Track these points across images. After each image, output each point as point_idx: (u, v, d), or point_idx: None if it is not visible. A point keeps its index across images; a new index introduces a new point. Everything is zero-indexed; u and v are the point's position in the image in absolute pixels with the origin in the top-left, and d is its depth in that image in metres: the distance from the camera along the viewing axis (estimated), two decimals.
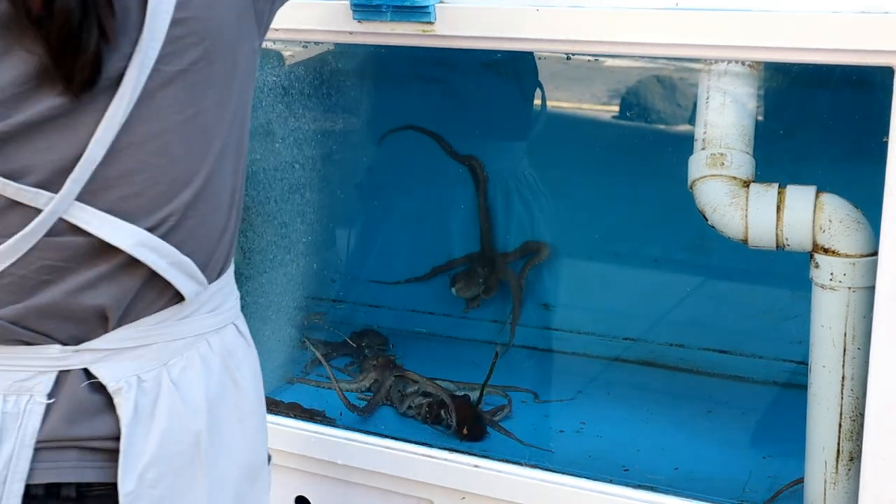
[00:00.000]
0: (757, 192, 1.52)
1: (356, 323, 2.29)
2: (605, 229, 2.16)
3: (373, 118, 2.31)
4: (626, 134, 2.14)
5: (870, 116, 1.39)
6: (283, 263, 2.21)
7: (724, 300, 2.10)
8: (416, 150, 2.24)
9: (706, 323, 2.10)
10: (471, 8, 1.49)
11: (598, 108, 2.10)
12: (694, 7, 1.38)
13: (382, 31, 1.55)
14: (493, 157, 2.17)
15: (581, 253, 2.21)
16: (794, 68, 1.65)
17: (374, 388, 2.00)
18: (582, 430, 1.92)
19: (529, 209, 2.21)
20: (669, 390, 2.04)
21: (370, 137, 2.31)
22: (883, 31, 1.29)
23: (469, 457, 1.72)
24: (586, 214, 2.18)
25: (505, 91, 2.12)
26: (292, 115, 2.06)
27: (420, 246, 2.32)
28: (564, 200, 2.20)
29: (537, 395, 2.01)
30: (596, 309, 2.19)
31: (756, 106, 1.56)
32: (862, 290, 1.46)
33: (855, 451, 1.50)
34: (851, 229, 1.47)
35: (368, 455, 1.78)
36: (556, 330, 2.19)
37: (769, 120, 1.75)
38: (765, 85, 1.67)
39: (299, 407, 1.94)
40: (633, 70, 2.05)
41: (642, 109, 2.04)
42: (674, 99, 2.01)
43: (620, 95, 2.07)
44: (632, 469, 1.73)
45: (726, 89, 1.53)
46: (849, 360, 1.49)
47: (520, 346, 2.17)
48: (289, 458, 1.85)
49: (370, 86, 2.21)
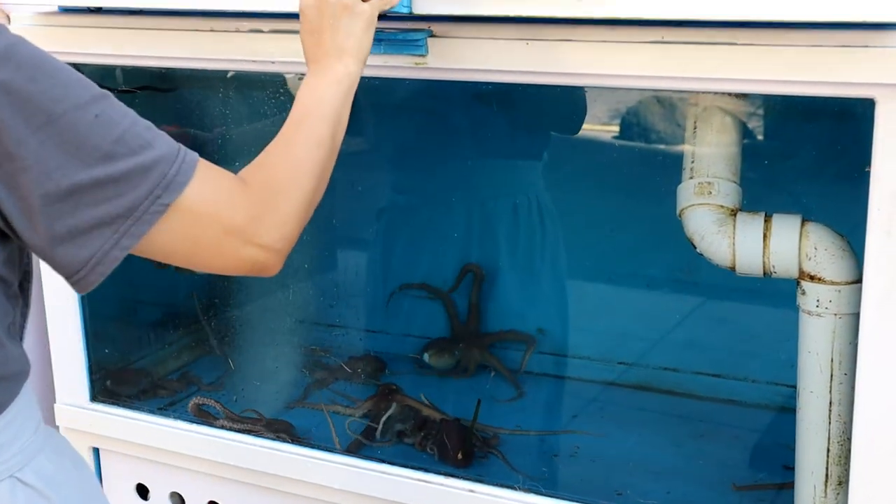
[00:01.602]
0: (744, 220, 1.54)
1: (355, 348, 2.31)
2: (600, 254, 2.17)
3: (374, 145, 2.34)
4: (623, 156, 2.14)
5: (853, 147, 1.41)
6: (280, 289, 2.23)
7: (718, 324, 2.12)
8: (419, 181, 2.26)
9: (700, 347, 2.12)
10: (462, 41, 1.52)
11: (599, 129, 2.10)
12: (679, 41, 1.39)
13: (376, 63, 1.57)
14: (495, 177, 2.19)
15: (576, 276, 2.23)
16: (779, 99, 1.67)
17: (372, 416, 2.01)
18: (576, 453, 1.93)
19: (526, 233, 2.23)
20: (663, 414, 2.05)
21: (373, 163, 2.32)
22: (864, 65, 1.31)
23: (464, 482, 1.73)
24: (581, 240, 2.19)
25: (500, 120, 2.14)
26: None
27: (418, 272, 2.33)
28: (558, 224, 2.22)
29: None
30: (590, 333, 2.20)
31: (742, 136, 1.58)
32: (847, 316, 1.48)
33: (843, 476, 1.52)
34: (836, 257, 1.49)
35: (364, 480, 1.79)
36: (550, 354, 2.20)
37: (756, 149, 1.77)
38: (751, 115, 1.69)
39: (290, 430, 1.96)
40: (633, 91, 2.04)
41: (642, 130, 2.04)
42: (673, 119, 2.01)
43: (621, 116, 2.07)
44: (625, 493, 1.74)
45: (713, 120, 1.55)
46: (836, 385, 1.51)
47: (512, 371, 2.18)
48: (284, 483, 1.87)
49: (369, 115, 2.23)
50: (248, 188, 1.16)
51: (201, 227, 1.11)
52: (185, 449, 1.96)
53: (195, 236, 1.11)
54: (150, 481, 2.05)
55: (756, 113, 1.74)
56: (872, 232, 1.36)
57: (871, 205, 1.35)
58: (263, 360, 2.25)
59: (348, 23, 1.34)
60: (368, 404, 2.02)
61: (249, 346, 2.26)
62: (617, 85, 1.50)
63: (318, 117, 1.27)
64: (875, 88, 1.32)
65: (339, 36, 1.34)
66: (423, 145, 2.25)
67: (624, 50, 1.42)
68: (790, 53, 1.35)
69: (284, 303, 2.27)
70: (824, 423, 1.52)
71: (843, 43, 1.32)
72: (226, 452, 1.92)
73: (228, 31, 1.69)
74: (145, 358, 2.26)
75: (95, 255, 1.06)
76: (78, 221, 1.05)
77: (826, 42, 1.33)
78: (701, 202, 1.56)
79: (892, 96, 1.31)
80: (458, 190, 2.21)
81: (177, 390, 2.17)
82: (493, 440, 1.92)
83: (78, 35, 1.81)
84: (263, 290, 2.27)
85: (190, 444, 1.95)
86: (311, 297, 2.31)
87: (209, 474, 1.96)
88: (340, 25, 1.34)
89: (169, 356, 2.29)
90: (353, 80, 1.33)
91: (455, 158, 2.21)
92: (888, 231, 1.35)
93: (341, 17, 1.34)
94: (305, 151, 1.23)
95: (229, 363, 2.21)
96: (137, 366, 2.23)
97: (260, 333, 2.28)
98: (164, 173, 1.07)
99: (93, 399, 2.05)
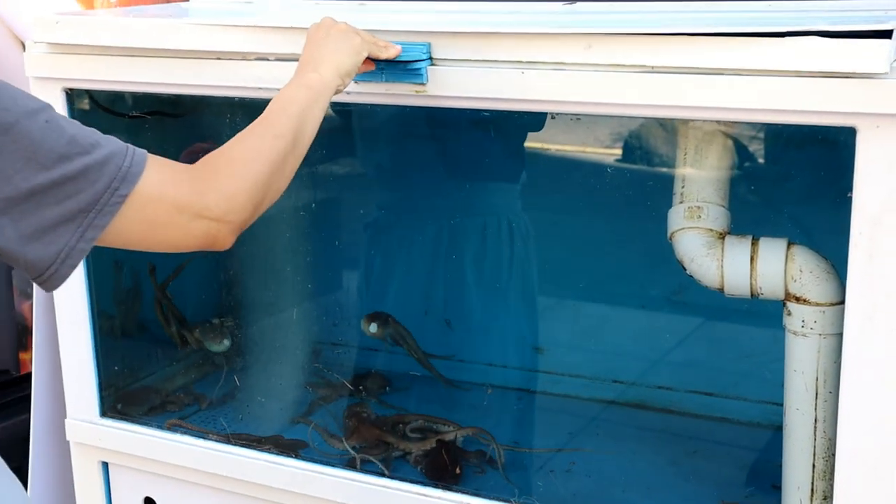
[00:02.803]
0: (732, 243, 1.58)
1: (357, 365, 2.33)
2: (596, 276, 2.20)
3: (377, 168, 2.37)
4: (617, 180, 2.17)
5: (836, 173, 1.44)
6: (283, 309, 2.26)
7: (711, 344, 2.14)
8: (418, 204, 2.29)
9: (693, 366, 2.14)
10: (460, 70, 1.56)
11: (601, 152, 2.12)
12: (668, 70, 1.43)
13: (378, 91, 1.61)
14: (497, 202, 2.22)
15: (572, 297, 2.25)
16: (766, 127, 1.71)
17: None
18: (571, 469, 1.95)
19: (524, 256, 2.26)
20: (657, 431, 2.07)
21: (372, 186, 2.36)
22: (846, 94, 1.34)
23: (461, 495, 1.76)
24: (578, 262, 2.22)
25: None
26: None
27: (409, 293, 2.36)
28: (559, 246, 2.24)
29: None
30: (587, 352, 2.23)
31: (731, 162, 1.62)
32: (831, 336, 1.52)
33: (828, 491, 1.54)
34: (821, 279, 1.52)
35: (364, 494, 1.82)
36: (547, 373, 2.23)
37: (744, 175, 1.80)
38: (739, 142, 1.72)
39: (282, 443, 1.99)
40: (626, 118, 2.07)
41: (643, 156, 2.06)
42: (674, 143, 2.05)
43: (618, 142, 2.10)
44: None
45: (702, 147, 1.59)
46: (820, 402, 1.54)
47: (512, 389, 2.21)
48: (287, 497, 1.90)
49: (370, 139, 2.27)
50: (195, 168, 1.26)
51: (155, 210, 1.20)
52: (192, 463, 1.99)
53: (151, 219, 1.20)
54: (158, 495, 2.08)
55: (744, 140, 1.77)
56: (854, 255, 1.39)
57: (853, 229, 1.38)
58: (269, 378, 2.28)
59: (335, 44, 1.46)
60: (351, 439, 2.03)
61: (255, 363, 2.29)
62: (608, 113, 1.53)
63: (282, 112, 1.36)
64: (856, 118, 1.35)
65: (323, 51, 1.45)
66: (424, 170, 2.29)
67: (614, 79, 1.46)
68: (774, 83, 1.38)
69: (289, 322, 2.31)
70: (810, 439, 1.55)
71: (825, 72, 1.35)
72: (232, 466, 1.94)
73: (235, 60, 1.73)
74: (153, 375, 2.29)
75: (63, 249, 1.14)
76: (43, 220, 1.13)
77: (809, 71, 1.36)
78: (691, 226, 1.60)
79: (873, 125, 1.34)
80: (460, 212, 2.24)
81: (185, 404, 2.21)
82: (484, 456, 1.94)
83: (90, 63, 1.86)
84: (269, 309, 2.30)
85: (197, 459, 1.98)
86: (314, 316, 2.34)
87: (216, 488, 1.99)
88: (327, 43, 1.45)
89: (176, 373, 2.32)
90: (326, 87, 1.42)
91: (456, 181, 2.25)
92: (870, 254, 1.38)
93: (330, 36, 1.46)
94: (261, 139, 1.31)
95: (235, 380, 2.24)
96: (146, 382, 2.26)
97: (266, 352, 2.31)
98: (119, 166, 1.16)
99: (102, 415, 2.07)
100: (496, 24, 1.57)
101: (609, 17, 1.64)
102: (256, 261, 2.27)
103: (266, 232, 2.21)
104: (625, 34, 1.45)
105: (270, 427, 2.10)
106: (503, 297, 2.27)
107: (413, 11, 1.89)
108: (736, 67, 1.39)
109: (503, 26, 1.55)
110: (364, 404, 2.14)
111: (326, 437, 2.04)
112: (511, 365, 2.25)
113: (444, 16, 1.77)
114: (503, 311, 2.28)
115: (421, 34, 1.57)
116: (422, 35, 1.57)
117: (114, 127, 2.08)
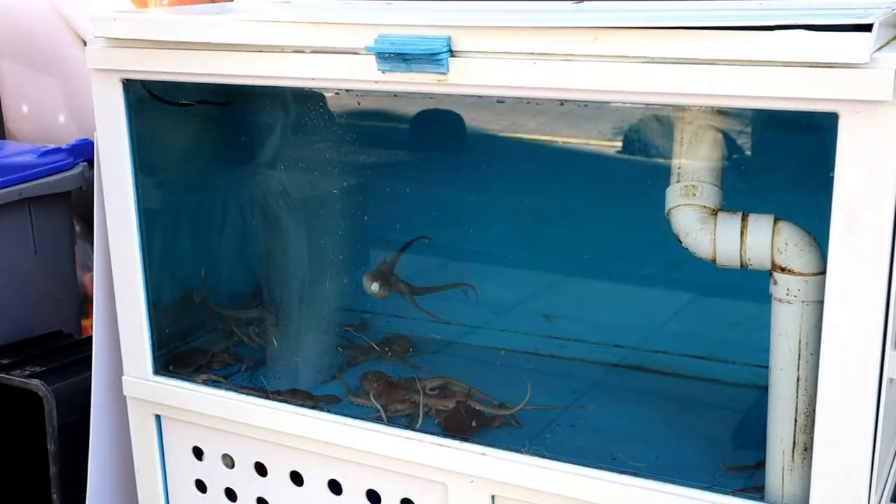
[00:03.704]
0: (724, 219, 1.57)
1: (385, 331, 2.33)
2: (599, 251, 2.20)
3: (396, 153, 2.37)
4: (623, 167, 2.17)
5: (820, 154, 1.43)
6: (317, 281, 2.27)
7: (703, 313, 2.13)
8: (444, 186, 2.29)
9: (686, 332, 2.14)
10: (478, 61, 1.56)
11: (604, 144, 2.13)
12: (667, 61, 1.43)
13: (402, 80, 1.61)
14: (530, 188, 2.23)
15: (579, 271, 2.25)
16: (756, 113, 1.70)
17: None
18: (576, 424, 1.96)
19: (539, 235, 2.26)
20: (653, 391, 2.07)
21: (397, 167, 2.36)
22: (829, 82, 1.34)
23: (477, 445, 1.77)
24: (583, 238, 2.22)
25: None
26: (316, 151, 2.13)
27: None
28: (568, 226, 2.24)
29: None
30: (591, 320, 2.23)
31: (723, 144, 1.61)
32: (813, 303, 1.51)
33: (808, 442, 1.54)
34: (804, 251, 1.52)
35: (388, 443, 1.83)
36: (555, 338, 2.23)
37: (735, 156, 1.79)
38: (731, 127, 1.71)
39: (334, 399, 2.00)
40: (631, 111, 2.07)
41: (642, 145, 2.06)
42: (670, 135, 2.04)
43: (623, 132, 2.10)
44: (619, 458, 1.76)
45: (697, 131, 1.59)
46: (803, 363, 1.54)
47: (524, 353, 2.21)
48: (321, 446, 1.91)
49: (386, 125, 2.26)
50: None
51: None
52: (234, 415, 2.00)
53: None
54: (205, 444, 2.10)
55: (736, 124, 1.76)
56: (835, 229, 1.39)
57: (835, 206, 1.38)
58: (301, 342, 2.29)
59: None
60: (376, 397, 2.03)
61: (290, 329, 2.30)
62: (612, 100, 1.53)
63: None
64: (838, 104, 1.35)
65: None
66: (447, 153, 2.29)
67: (617, 68, 1.46)
68: (763, 72, 1.38)
69: (322, 292, 2.31)
70: (793, 397, 1.55)
71: (810, 62, 1.35)
72: (268, 418, 1.96)
73: (274, 52, 1.73)
74: (201, 338, 2.30)
75: None
76: None
77: (795, 61, 1.35)
78: (686, 203, 1.60)
79: (853, 110, 1.34)
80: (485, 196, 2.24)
81: (228, 364, 2.22)
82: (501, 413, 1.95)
83: (144, 56, 1.86)
84: (304, 280, 2.31)
85: (239, 412, 1.99)
86: (343, 285, 2.34)
87: (255, 438, 2.00)
88: None
89: (222, 337, 2.33)
90: None
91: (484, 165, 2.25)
92: (849, 228, 1.38)
93: None
94: None
95: (273, 342, 2.26)
96: (193, 345, 2.28)
97: (300, 319, 2.32)
98: None
99: (155, 373, 2.09)
100: (511, 20, 1.57)
101: (613, 14, 1.63)
102: (292, 237, 2.28)
103: (304, 212, 2.22)
104: (628, 28, 1.44)
105: (304, 384, 2.11)
106: (519, 271, 2.27)
107: (435, 10, 1.88)
108: (729, 58, 1.39)
109: (517, 21, 1.55)
110: (381, 371, 2.15)
111: (352, 395, 2.04)
112: (521, 331, 2.25)
113: (464, 14, 1.76)
114: (518, 283, 2.28)
115: (442, 28, 1.57)
116: (443, 29, 1.57)
117: (165, 114, 2.10)
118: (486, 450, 1.76)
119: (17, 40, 3.25)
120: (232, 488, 2.09)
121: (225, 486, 2.09)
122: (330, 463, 1.92)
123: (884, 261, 1.38)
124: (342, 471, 1.92)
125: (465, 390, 2.00)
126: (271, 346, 2.26)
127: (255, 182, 2.26)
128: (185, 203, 2.27)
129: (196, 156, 2.26)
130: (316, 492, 1.96)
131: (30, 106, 3.34)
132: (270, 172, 2.23)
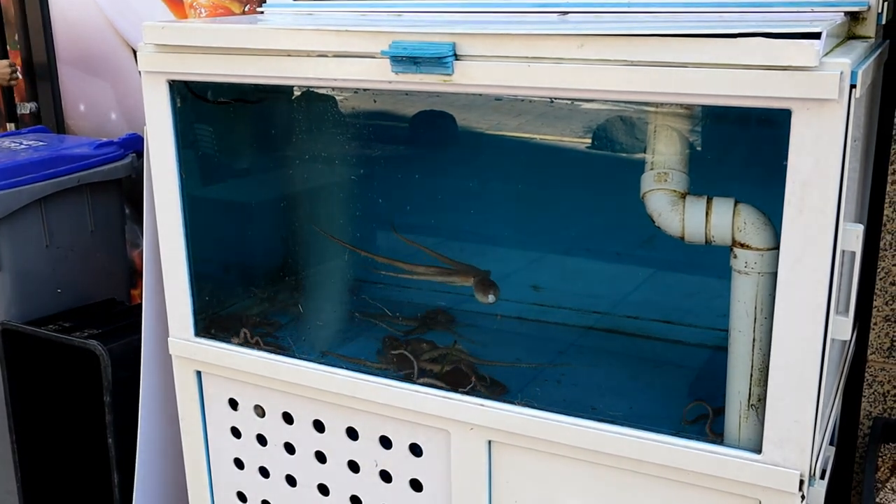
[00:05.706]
0: (691, 202, 1.57)
1: (398, 300, 2.30)
2: (580, 231, 2.19)
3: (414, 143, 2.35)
4: (596, 160, 2.16)
5: (775, 145, 1.43)
6: (336, 256, 2.25)
7: (670, 283, 2.13)
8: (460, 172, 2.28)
9: (656, 300, 2.14)
10: (479, 63, 1.55)
11: (576, 141, 2.12)
12: (645, 64, 1.42)
13: (413, 80, 1.60)
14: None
15: (562, 249, 2.25)
16: (721, 109, 1.69)
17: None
18: (561, 380, 1.96)
19: (529, 217, 2.24)
20: (627, 351, 2.07)
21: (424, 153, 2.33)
22: (782, 83, 1.34)
23: (476, 397, 1.77)
24: (566, 220, 2.21)
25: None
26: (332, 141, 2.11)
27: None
28: (553, 210, 2.24)
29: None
30: (573, 290, 2.22)
31: (691, 137, 1.60)
32: (768, 274, 1.51)
33: (762, 394, 1.55)
34: (760, 230, 1.52)
35: (400, 395, 1.83)
36: (542, 305, 2.23)
37: (701, 147, 1.79)
38: (698, 121, 1.71)
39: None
40: (602, 111, 2.08)
41: (609, 141, 2.06)
42: (633, 133, 2.03)
43: (592, 130, 2.10)
44: (598, 408, 1.77)
45: (669, 124, 1.58)
46: (758, 326, 1.54)
47: (514, 318, 2.21)
48: (341, 399, 1.90)
49: None
50: None
51: None
52: (265, 371, 2.00)
53: None
54: (239, 396, 2.09)
55: (702, 119, 1.75)
56: (787, 210, 1.39)
57: (788, 190, 1.38)
58: (325, 309, 2.28)
59: None
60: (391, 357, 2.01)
61: (316, 298, 2.29)
62: (597, 97, 1.52)
63: None
64: (791, 102, 1.35)
65: None
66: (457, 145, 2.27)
67: (601, 70, 1.45)
68: (726, 74, 1.37)
69: (342, 264, 2.30)
70: (748, 355, 1.55)
71: (766, 64, 1.34)
72: (296, 374, 1.96)
73: (301, 56, 1.72)
74: (236, 304, 2.30)
75: None
76: None
77: (753, 64, 1.35)
78: (659, 187, 1.59)
79: (804, 107, 1.34)
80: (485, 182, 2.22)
81: (259, 325, 2.21)
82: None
83: (187, 59, 1.85)
84: (327, 254, 2.30)
85: (268, 368, 1.99)
86: (362, 259, 2.32)
87: (283, 392, 2.00)
88: None
89: (254, 304, 2.32)
90: None
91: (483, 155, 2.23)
92: (799, 210, 1.38)
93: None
94: None
95: (300, 309, 2.25)
96: (230, 310, 2.27)
97: (324, 288, 2.31)
98: None
99: (197, 334, 2.09)
100: (508, 28, 1.56)
101: (597, 24, 1.62)
102: (318, 214, 2.27)
103: (322, 194, 2.21)
104: (610, 35, 1.43)
105: (326, 346, 2.11)
106: (511, 249, 2.26)
107: (441, 22, 1.87)
108: (698, 62, 1.39)
109: (513, 29, 1.54)
110: (395, 336, 2.14)
111: (368, 360, 2.04)
112: (513, 299, 2.25)
113: (467, 25, 1.75)
114: (510, 259, 2.27)
115: (448, 35, 1.56)
116: (449, 36, 1.56)
117: (206, 110, 2.08)
118: (483, 401, 1.76)
119: (76, 49, 3.25)
120: (263, 434, 2.09)
121: (256, 433, 2.09)
122: (348, 413, 1.92)
123: (829, 237, 1.38)
124: (359, 420, 1.92)
125: (466, 354, 1.99)
126: (298, 313, 2.25)
127: (283, 170, 2.25)
128: (222, 187, 2.26)
129: (232, 147, 2.25)
130: (335, 438, 1.96)
131: (86, 105, 3.34)
132: (296, 162, 2.22)
